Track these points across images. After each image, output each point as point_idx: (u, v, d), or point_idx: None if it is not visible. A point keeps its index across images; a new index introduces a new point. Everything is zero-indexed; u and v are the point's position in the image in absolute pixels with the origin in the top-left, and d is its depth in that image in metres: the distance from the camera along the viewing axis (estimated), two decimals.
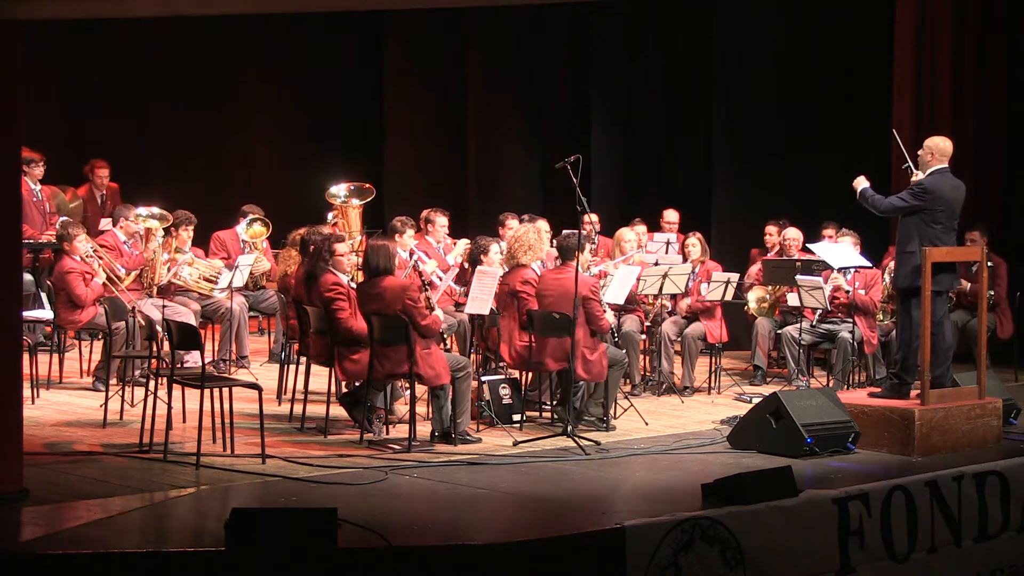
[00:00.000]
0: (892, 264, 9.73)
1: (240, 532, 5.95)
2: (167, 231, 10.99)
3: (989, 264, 10.41)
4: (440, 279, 10.64)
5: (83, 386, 10.45)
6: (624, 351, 9.96)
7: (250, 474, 7.66)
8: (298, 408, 9.17)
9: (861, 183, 9.02)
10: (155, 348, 8.80)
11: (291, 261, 10.09)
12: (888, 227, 11.73)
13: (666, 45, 14.40)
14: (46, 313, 10.87)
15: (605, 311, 9.34)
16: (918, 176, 8.85)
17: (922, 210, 8.70)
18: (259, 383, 8.35)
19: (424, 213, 11.39)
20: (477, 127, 15.15)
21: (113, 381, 9.55)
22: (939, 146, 8.87)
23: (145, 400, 8.38)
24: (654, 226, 12.43)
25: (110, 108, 14.99)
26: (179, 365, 9.48)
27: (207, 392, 8.02)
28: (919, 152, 8.92)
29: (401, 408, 9.22)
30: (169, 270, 10.89)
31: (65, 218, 11.52)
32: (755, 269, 11.76)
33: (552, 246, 10.46)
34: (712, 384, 11.02)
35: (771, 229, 12.04)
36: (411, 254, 10.49)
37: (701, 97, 14.08)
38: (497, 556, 6.23)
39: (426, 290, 8.93)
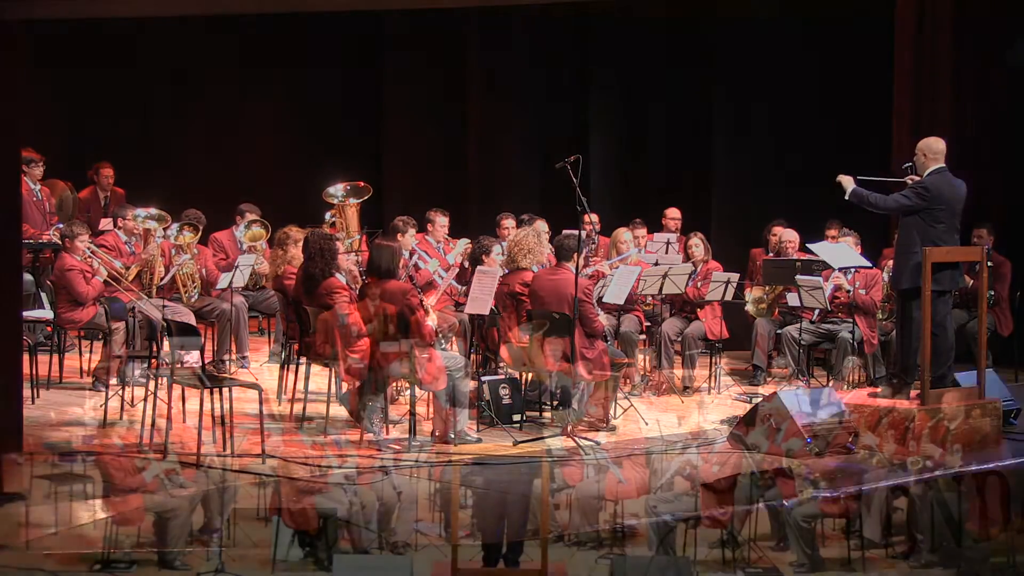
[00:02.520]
0: (891, 264, 9.71)
1: None
2: (164, 231, 10.95)
3: (989, 264, 10.39)
4: (442, 278, 10.65)
5: (83, 386, 10.44)
6: (624, 351, 9.95)
7: (250, 474, 7.66)
8: (298, 408, 9.16)
9: (849, 183, 8.98)
10: (155, 348, 8.80)
11: (280, 260, 10.05)
12: (887, 228, 11.71)
13: (666, 44, 14.39)
14: (46, 313, 10.86)
15: (599, 313, 9.33)
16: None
17: (924, 209, 8.70)
18: (259, 383, 8.35)
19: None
20: (477, 127, 15.13)
21: (113, 381, 9.55)
22: (931, 146, 8.86)
23: (145, 400, 8.38)
24: (653, 227, 12.42)
25: (110, 108, 14.97)
26: (179, 365, 9.47)
27: (207, 392, 8.02)
28: (914, 156, 8.91)
29: (398, 409, 9.22)
30: (168, 270, 10.87)
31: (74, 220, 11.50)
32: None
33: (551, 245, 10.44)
34: (712, 384, 11.02)
35: (777, 229, 12.00)
36: (412, 254, 10.49)
37: (701, 96, 14.07)
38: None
39: (420, 293, 8.92)
